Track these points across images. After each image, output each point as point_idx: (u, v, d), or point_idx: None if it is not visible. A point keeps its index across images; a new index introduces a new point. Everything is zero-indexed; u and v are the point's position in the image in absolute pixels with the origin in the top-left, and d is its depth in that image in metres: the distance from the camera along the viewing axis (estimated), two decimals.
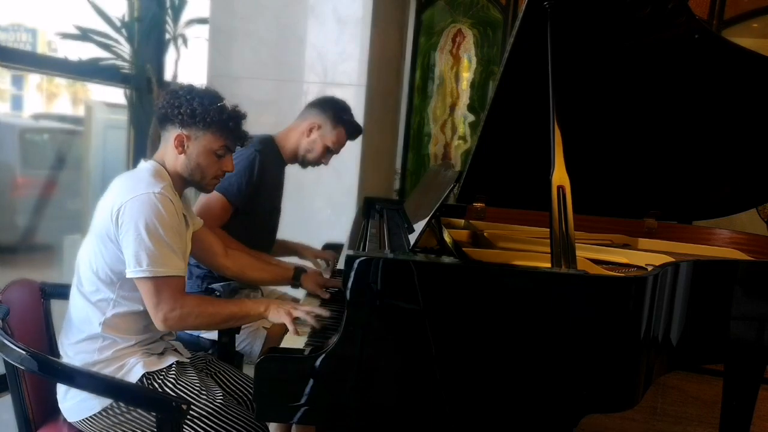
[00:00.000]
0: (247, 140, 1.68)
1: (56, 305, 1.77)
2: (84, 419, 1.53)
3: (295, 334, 1.52)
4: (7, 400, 1.58)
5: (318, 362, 1.30)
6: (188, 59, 3.43)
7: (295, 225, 3.09)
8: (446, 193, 1.62)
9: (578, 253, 1.48)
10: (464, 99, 4.10)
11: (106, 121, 3.76)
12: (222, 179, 1.71)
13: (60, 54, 3.34)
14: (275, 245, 2.38)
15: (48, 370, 1.49)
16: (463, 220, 2.47)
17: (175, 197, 1.57)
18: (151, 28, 3.38)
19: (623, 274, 1.67)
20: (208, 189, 1.71)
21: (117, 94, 3.45)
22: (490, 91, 3.66)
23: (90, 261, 1.55)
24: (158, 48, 3.45)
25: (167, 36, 3.43)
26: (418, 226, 1.64)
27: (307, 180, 3.31)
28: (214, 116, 1.58)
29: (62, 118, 3.96)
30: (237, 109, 1.64)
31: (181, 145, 1.59)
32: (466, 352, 1.33)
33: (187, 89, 1.60)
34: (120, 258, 1.50)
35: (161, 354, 1.63)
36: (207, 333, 2.01)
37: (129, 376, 1.54)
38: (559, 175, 1.51)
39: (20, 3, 3.31)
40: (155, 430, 1.45)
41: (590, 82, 2.02)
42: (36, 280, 1.76)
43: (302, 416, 1.32)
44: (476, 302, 1.32)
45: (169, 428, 1.42)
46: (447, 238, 1.86)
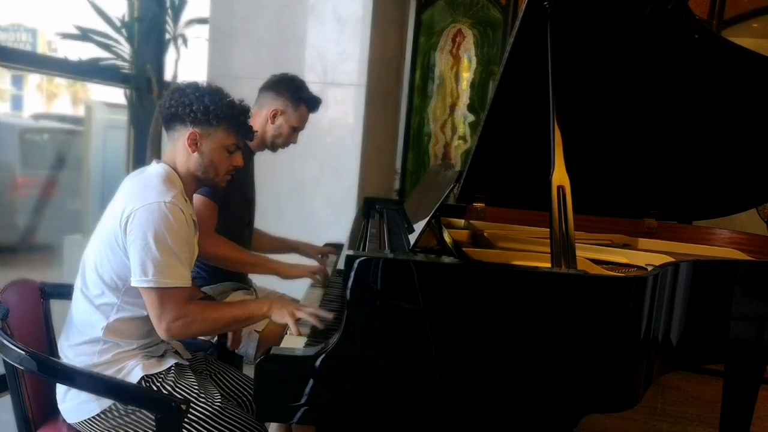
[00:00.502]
0: (255, 135, 1.69)
1: (56, 305, 1.76)
2: (83, 421, 1.53)
3: (297, 334, 1.51)
4: (7, 400, 1.58)
5: (318, 362, 1.30)
6: (188, 59, 3.44)
7: (295, 225, 3.10)
8: (446, 193, 1.62)
9: (578, 253, 1.48)
10: (464, 99, 4.10)
11: (106, 121, 3.76)
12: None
13: (60, 54, 3.35)
14: (275, 242, 2.40)
15: (47, 370, 1.48)
16: (463, 220, 2.47)
17: (185, 205, 1.55)
18: (151, 28, 3.38)
19: (623, 274, 1.66)
20: (221, 185, 1.70)
21: (117, 94, 3.46)
22: (490, 91, 3.65)
23: (96, 264, 1.53)
24: (158, 48, 3.46)
25: (167, 36, 3.43)
26: (418, 226, 1.64)
27: (307, 180, 3.32)
28: (226, 112, 1.57)
29: (62, 118, 3.96)
30: (244, 103, 1.65)
31: (194, 143, 1.58)
32: (466, 352, 1.32)
33: (194, 87, 1.59)
34: (126, 264, 1.49)
35: (161, 356, 1.63)
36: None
37: (128, 378, 1.53)
38: (559, 175, 1.51)
39: (20, 3, 3.32)
40: None
41: (590, 82, 2.02)
42: (36, 280, 1.75)
43: (302, 416, 1.32)
44: (476, 302, 1.32)
45: (169, 429, 1.41)
46: (447, 238, 1.86)
